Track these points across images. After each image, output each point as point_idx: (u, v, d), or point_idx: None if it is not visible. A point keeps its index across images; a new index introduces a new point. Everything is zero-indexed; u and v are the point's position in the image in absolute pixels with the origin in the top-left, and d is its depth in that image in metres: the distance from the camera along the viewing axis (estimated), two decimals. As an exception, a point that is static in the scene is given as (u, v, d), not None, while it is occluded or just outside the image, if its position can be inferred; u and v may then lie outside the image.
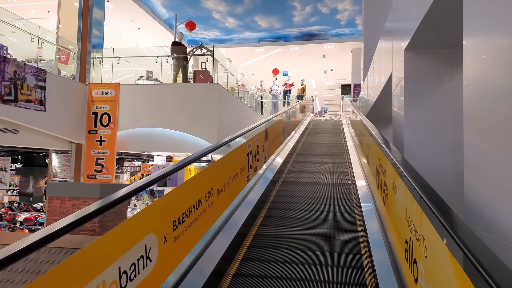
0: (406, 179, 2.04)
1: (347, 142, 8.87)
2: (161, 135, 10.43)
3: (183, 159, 2.74)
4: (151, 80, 12.97)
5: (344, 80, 24.52)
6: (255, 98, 18.46)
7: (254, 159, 4.14)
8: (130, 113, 10.29)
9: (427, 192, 1.75)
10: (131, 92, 10.38)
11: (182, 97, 9.94)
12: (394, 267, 2.69)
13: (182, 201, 2.27)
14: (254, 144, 4.10)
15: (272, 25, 16.86)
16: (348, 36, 17.63)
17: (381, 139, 3.31)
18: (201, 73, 11.21)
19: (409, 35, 3.40)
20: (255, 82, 19.09)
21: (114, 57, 11.00)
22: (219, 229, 3.32)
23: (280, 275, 2.92)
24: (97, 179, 10.51)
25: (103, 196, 2.27)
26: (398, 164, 2.30)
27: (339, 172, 6.16)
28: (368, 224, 3.58)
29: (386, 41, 5.39)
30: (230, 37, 18.62)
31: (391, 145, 3.05)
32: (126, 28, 16.12)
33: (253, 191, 4.37)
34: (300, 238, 3.59)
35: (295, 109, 12.38)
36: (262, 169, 5.08)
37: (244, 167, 3.65)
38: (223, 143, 3.45)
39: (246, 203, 3.98)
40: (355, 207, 4.37)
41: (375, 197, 3.69)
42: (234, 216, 3.61)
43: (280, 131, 6.77)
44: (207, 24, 17.04)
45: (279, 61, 20.69)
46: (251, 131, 4.14)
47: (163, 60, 11.31)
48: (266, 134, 4.99)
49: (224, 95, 10.32)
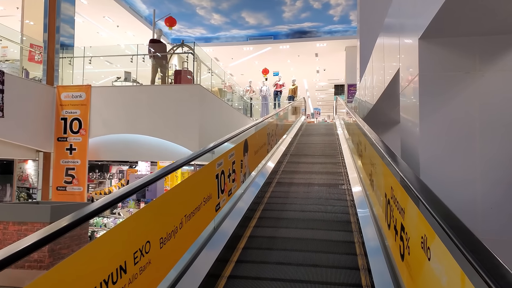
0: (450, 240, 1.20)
1: (344, 159, 8.05)
2: (137, 143, 9.58)
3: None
4: (129, 81, 12.05)
5: (337, 80, 23.83)
6: (244, 100, 17.65)
7: (228, 180, 3.31)
8: (103, 118, 9.42)
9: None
10: (105, 95, 9.51)
11: (161, 100, 9.10)
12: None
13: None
14: (227, 162, 3.26)
15: (260, 21, 16.04)
16: (341, 33, 16.87)
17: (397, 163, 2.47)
18: (182, 74, 10.34)
19: (428, 19, 2.57)
20: (245, 83, 18.29)
21: (86, 57, 10.07)
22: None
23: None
24: (67, 192, 9.62)
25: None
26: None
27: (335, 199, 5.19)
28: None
29: (390, 33, 4.58)
30: (217, 35, 17.76)
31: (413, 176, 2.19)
32: (104, 26, 15.20)
33: (223, 226, 3.46)
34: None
35: (285, 112, 11.57)
36: (242, 188, 4.25)
37: (211, 194, 2.80)
38: (182, 163, 2.59)
39: (213, 242, 3.11)
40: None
41: (388, 245, 2.73)
42: (195, 263, 2.67)
43: (265, 140, 5.92)
44: (191, 22, 16.17)
45: (269, 61, 19.89)
46: (221, 145, 3.29)
47: (139, 59, 10.43)
48: (245, 146, 4.17)
49: (208, 97, 9.47)
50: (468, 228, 1.31)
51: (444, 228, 1.35)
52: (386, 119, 7.34)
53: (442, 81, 2.87)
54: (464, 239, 1.23)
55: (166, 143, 9.19)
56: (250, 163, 4.46)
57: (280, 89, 17.85)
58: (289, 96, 17.81)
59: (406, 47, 3.40)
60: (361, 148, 4.72)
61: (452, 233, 1.28)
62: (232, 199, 3.76)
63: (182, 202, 2.37)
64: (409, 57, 3.25)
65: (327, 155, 8.15)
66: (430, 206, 1.56)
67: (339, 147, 9.04)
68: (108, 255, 1.55)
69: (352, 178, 5.59)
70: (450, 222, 1.36)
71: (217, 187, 2.96)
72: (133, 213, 2.21)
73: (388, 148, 2.83)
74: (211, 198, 2.79)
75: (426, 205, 1.60)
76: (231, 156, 3.45)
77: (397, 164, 2.31)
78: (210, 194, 2.78)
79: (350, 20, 15.63)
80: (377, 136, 3.62)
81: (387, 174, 2.53)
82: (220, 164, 3.05)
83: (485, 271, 1.02)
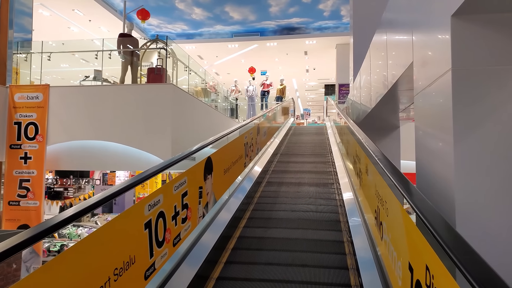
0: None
1: (335, 163, 7.08)
2: (103, 150, 8.53)
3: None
4: (99, 81, 10.93)
5: (327, 79, 22.95)
6: (230, 101, 16.64)
7: (174, 223, 2.28)
8: (64, 123, 8.34)
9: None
10: (65, 96, 8.45)
11: (129, 102, 8.09)
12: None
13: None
14: (170, 197, 2.23)
15: (246, 17, 15.02)
16: (332, 29, 15.95)
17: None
18: (154, 72, 9.28)
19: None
20: (232, 82, 17.26)
21: (44, 53, 8.96)
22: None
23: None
24: (21, 207, 8.51)
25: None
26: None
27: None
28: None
29: (395, 25, 3.62)
30: (199, 31, 16.69)
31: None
32: (75, 20, 14.04)
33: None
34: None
35: (272, 114, 10.59)
36: (201, 225, 3.17)
37: (135, 256, 1.77)
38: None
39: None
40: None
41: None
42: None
43: (242, 152, 4.88)
44: (171, 16, 15.07)
45: (256, 59, 18.90)
46: (166, 169, 2.29)
47: (106, 56, 9.34)
48: (208, 165, 3.16)
49: (183, 98, 8.45)
50: None
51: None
52: (384, 124, 6.40)
53: (488, 78, 1.90)
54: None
55: (134, 150, 8.15)
56: (217, 187, 3.44)
57: (268, 89, 16.94)
58: (277, 96, 16.88)
59: (427, 33, 2.42)
60: (360, 167, 3.74)
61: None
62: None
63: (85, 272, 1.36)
64: (431, 46, 2.28)
65: (317, 167, 7.19)
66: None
67: (331, 156, 8.09)
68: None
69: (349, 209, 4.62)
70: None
71: (148, 242, 1.94)
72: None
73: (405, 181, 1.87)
74: (134, 263, 1.78)
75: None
76: (180, 185, 2.44)
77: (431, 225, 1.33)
78: (132, 258, 1.76)
79: (341, 15, 14.71)
80: (384, 156, 2.65)
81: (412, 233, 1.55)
82: (154, 205, 2.04)
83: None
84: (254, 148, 5.93)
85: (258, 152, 6.70)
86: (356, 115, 7.92)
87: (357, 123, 6.22)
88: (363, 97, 6.42)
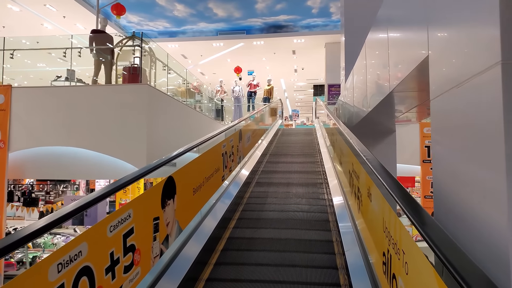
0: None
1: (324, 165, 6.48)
2: (73, 157, 7.82)
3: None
4: (73, 81, 10.17)
5: (316, 80, 22.41)
6: (215, 102, 15.97)
7: (105, 281, 1.59)
8: (29, 127, 7.65)
9: None
10: (32, 98, 7.74)
11: (101, 104, 7.43)
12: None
13: None
14: (101, 245, 1.55)
15: (230, 13, 14.36)
16: (321, 27, 15.39)
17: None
18: (130, 71, 8.58)
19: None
20: (218, 82, 16.60)
21: (6, 50, 8.19)
22: None
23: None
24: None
25: None
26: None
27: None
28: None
29: (401, 20, 3.03)
30: (182, 29, 15.96)
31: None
32: (48, 17, 13.22)
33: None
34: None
35: (259, 116, 9.97)
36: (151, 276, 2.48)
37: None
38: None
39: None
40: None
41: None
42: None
43: (219, 164, 4.20)
44: (152, 13, 14.33)
45: (243, 58, 18.26)
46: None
47: (78, 53, 8.64)
48: (170, 187, 2.50)
49: (160, 100, 7.77)
50: None
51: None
52: (380, 127, 5.82)
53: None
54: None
55: (107, 158, 7.45)
56: (183, 213, 2.74)
57: (255, 90, 16.30)
58: (264, 97, 16.25)
59: (454, 24, 1.82)
60: (358, 186, 3.12)
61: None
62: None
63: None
64: (464, 38, 1.67)
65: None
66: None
67: (319, 156, 7.50)
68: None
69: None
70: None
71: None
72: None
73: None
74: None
75: None
76: (120, 223, 1.76)
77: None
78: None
79: (331, 12, 14.16)
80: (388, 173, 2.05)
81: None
82: (69, 262, 1.37)
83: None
84: (235, 158, 5.22)
85: (240, 161, 5.96)
86: (348, 117, 7.35)
87: (350, 127, 5.62)
88: (356, 98, 5.84)
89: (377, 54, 4.07)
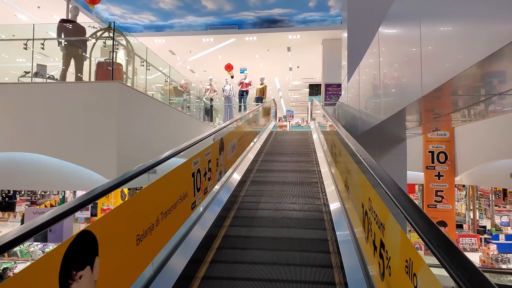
0: None
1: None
2: (34, 165, 6.87)
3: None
4: (43, 77, 9.14)
5: (312, 79, 21.54)
6: (204, 102, 15.03)
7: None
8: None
9: None
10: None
11: (66, 104, 6.48)
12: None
13: None
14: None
15: (221, 6, 13.40)
16: (318, 23, 14.49)
17: None
18: (103, 67, 7.63)
19: None
20: (208, 80, 15.66)
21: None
22: None
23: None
24: None
25: None
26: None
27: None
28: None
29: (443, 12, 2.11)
30: (169, 22, 14.97)
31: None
32: (21, 7, 12.22)
33: None
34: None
35: (252, 117, 9.07)
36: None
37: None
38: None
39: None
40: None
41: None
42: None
43: (187, 187, 3.13)
44: (136, 5, 13.33)
45: (234, 55, 17.33)
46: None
47: (41, 45, 7.67)
48: (88, 246, 1.60)
49: (134, 99, 6.85)
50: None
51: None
52: (391, 135, 4.93)
53: None
54: None
55: (73, 166, 6.50)
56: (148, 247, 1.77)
57: (247, 89, 15.39)
58: (257, 97, 15.34)
59: None
60: (367, 210, 2.21)
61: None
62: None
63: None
64: None
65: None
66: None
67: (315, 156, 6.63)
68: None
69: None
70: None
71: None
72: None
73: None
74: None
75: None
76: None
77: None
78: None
79: (329, 6, 13.26)
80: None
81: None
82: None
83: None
84: (214, 175, 4.06)
85: (222, 176, 4.81)
86: (351, 122, 6.45)
87: (355, 135, 4.71)
88: (362, 104, 4.94)
89: (400, 53, 3.17)
